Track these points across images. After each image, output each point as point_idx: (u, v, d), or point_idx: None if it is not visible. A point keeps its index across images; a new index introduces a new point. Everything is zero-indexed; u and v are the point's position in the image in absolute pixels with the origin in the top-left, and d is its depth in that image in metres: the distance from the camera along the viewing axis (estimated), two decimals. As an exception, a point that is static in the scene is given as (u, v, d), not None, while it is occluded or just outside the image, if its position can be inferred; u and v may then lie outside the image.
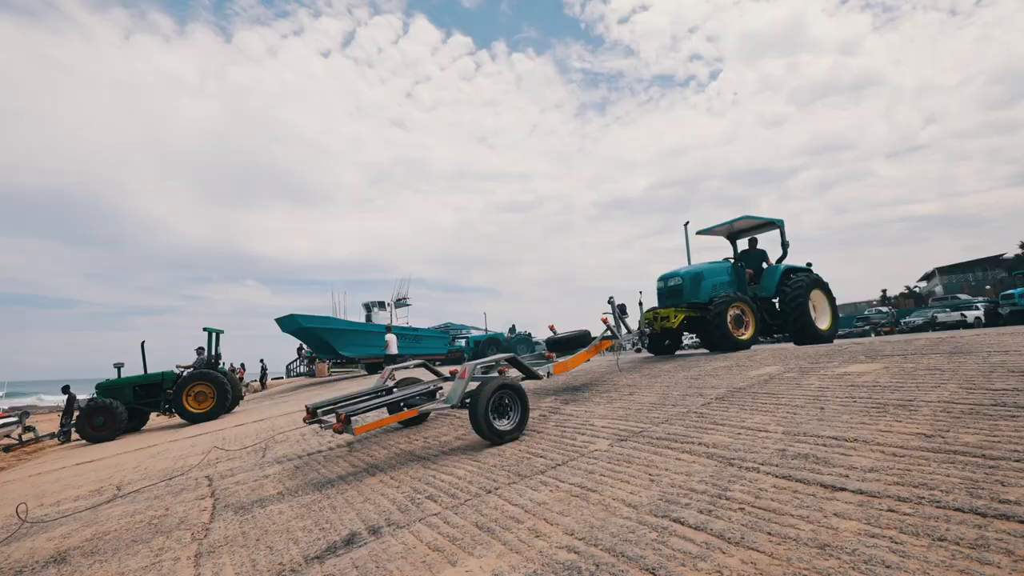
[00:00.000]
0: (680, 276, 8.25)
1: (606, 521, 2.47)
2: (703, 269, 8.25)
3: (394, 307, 25.23)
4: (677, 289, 8.23)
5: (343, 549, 2.80)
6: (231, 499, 4.26)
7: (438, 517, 2.94)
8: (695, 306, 8.00)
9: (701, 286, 8.02)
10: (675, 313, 7.82)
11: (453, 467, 3.85)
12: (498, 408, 4.30)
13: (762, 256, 9.16)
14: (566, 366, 5.55)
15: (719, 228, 9.29)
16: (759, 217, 9.01)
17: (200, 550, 3.22)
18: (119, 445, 10.98)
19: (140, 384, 13.03)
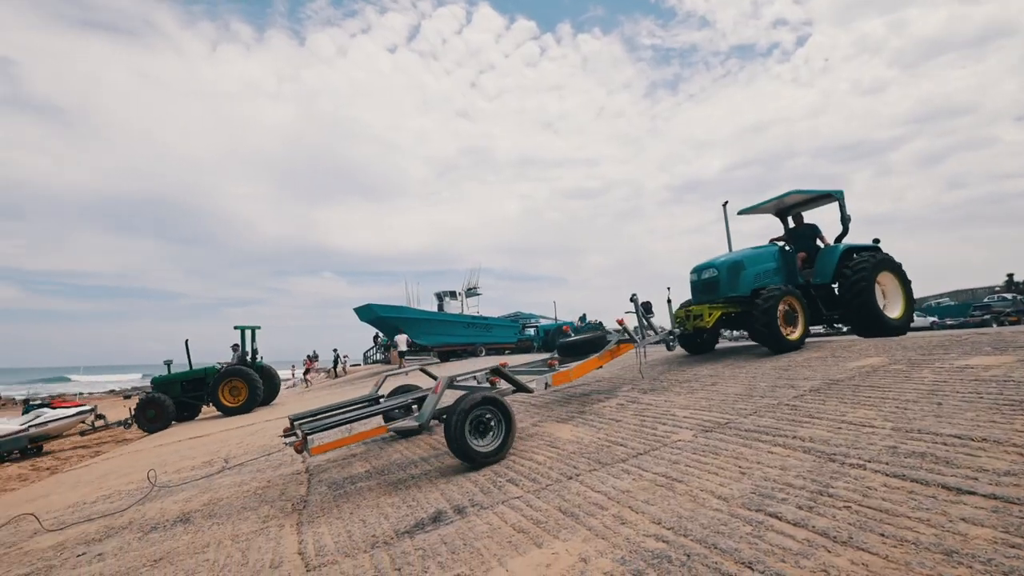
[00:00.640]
0: (715, 267, 7.02)
1: (695, 512, 2.39)
2: (742, 257, 7.01)
3: (465, 296, 25.81)
4: (712, 282, 7.00)
5: (431, 526, 2.91)
6: (324, 475, 4.55)
7: (520, 500, 2.98)
8: (734, 300, 6.89)
9: (741, 277, 6.81)
10: (709, 310, 6.74)
11: (532, 453, 3.89)
12: (478, 426, 3.84)
13: (813, 233, 7.74)
14: (567, 376, 4.82)
15: (765, 205, 7.94)
16: (812, 190, 7.58)
17: (300, 519, 3.47)
18: (223, 423, 12.13)
19: (186, 379, 14.26)
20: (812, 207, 8.13)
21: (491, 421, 3.87)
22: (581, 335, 5.95)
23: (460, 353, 21.46)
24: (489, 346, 21.61)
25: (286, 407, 13.61)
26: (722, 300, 6.88)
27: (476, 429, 3.81)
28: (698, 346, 7.77)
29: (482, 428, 3.85)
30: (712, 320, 6.69)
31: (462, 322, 22.22)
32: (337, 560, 2.71)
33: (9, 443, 12.18)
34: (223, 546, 3.23)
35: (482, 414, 3.83)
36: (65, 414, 13.64)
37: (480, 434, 3.84)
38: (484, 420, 3.85)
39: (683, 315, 7.11)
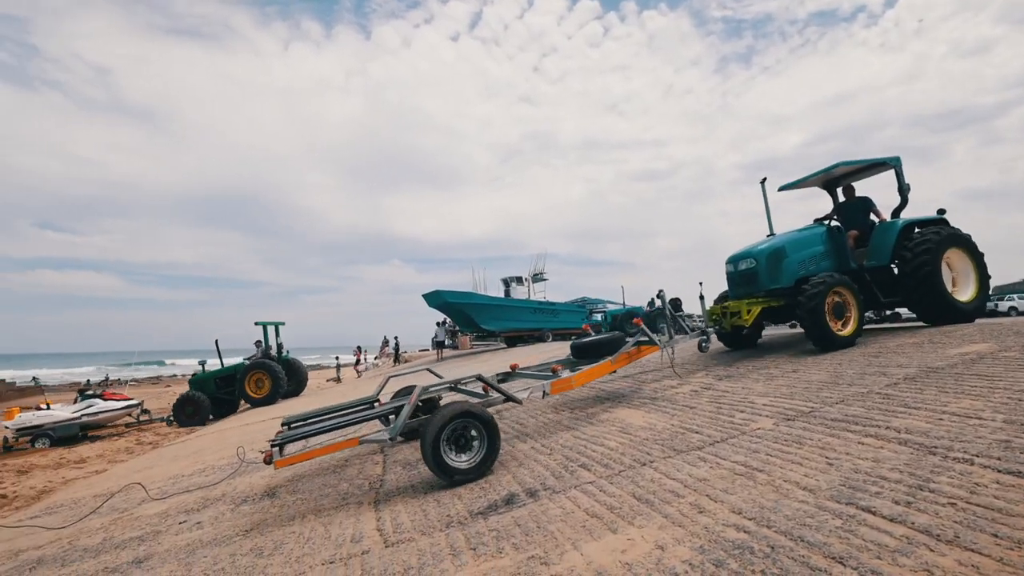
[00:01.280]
0: (753, 256, 6.24)
1: (778, 503, 2.28)
2: (784, 242, 6.21)
3: (531, 282, 25.85)
4: (750, 274, 6.24)
5: (504, 507, 2.96)
6: (398, 456, 4.74)
7: (593, 485, 2.96)
8: (776, 293, 6.16)
9: (783, 266, 6.05)
10: (748, 305, 6.10)
11: (603, 439, 3.85)
12: (458, 440, 3.57)
13: (866, 207, 6.82)
14: (569, 383, 4.32)
15: (809, 180, 7.15)
16: (862, 160, 6.74)
17: (377, 497, 3.64)
18: (298, 404, 12.92)
19: (219, 377, 15.15)
20: (864, 177, 7.19)
21: (473, 435, 3.59)
22: (594, 338, 5.46)
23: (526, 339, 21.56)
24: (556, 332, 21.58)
25: (318, 398, 14.30)
26: (763, 293, 6.18)
27: (455, 443, 3.55)
28: (739, 340, 7.10)
29: (463, 442, 3.57)
30: (751, 318, 6.04)
31: (528, 307, 22.32)
32: (414, 537, 2.82)
33: (63, 429, 13.54)
34: (307, 520, 3.45)
35: (462, 427, 3.55)
36: (115, 406, 14.98)
37: (460, 448, 3.56)
38: (465, 434, 3.58)
39: (718, 312, 6.42)
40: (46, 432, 13.34)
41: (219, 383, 15.07)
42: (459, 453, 3.56)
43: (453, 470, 3.48)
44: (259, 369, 14.70)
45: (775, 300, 6.18)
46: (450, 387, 4.17)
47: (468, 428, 3.57)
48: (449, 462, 3.49)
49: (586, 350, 5.28)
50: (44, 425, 13.40)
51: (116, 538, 3.92)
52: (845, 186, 7.11)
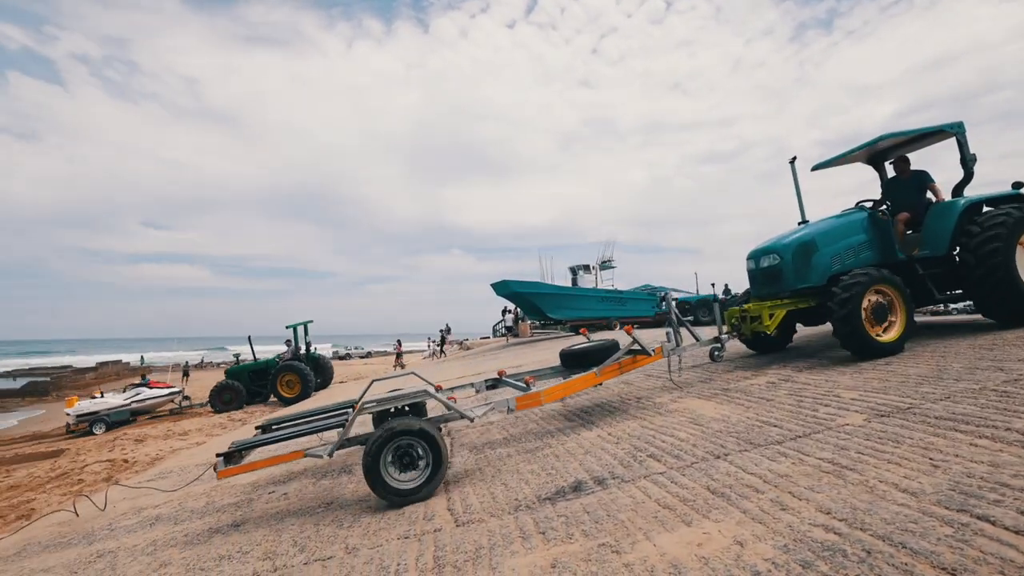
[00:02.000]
0: (776, 251, 5.40)
1: (873, 505, 2.09)
2: (814, 234, 5.32)
3: (599, 270, 25.45)
4: (774, 271, 5.41)
5: (571, 494, 2.93)
6: (464, 439, 4.83)
7: (664, 476, 2.87)
8: (805, 293, 5.33)
9: (812, 261, 5.20)
10: (770, 309, 5.29)
11: (673, 429, 3.73)
12: (403, 458, 3.38)
13: (921, 183, 5.74)
14: (538, 399, 3.93)
15: (849, 155, 6.15)
16: (913, 130, 5.60)
17: (447, 479, 3.72)
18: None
19: (252, 370, 16.43)
20: (916, 149, 6.05)
21: (419, 453, 3.39)
22: (585, 345, 4.98)
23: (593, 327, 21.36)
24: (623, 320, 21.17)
25: (350, 389, 14.74)
26: (788, 293, 5.36)
27: (400, 461, 3.36)
28: (766, 343, 6.30)
29: (407, 460, 3.37)
30: (774, 324, 5.23)
31: (596, 296, 22.06)
32: (484, 519, 2.86)
33: (116, 414, 15.04)
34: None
35: (407, 445, 3.35)
36: (159, 394, 16.42)
37: (406, 467, 3.37)
38: (411, 452, 3.37)
39: (737, 315, 5.62)
40: (101, 418, 14.84)
41: (252, 376, 16.38)
42: (403, 472, 3.36)
43: (394, 490, 3.29)
44: (289, 371, 15.82)
45: (804, 301, 5.36)
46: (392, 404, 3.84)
47: (413, 446, 3.37)
48: (390, 482, 3.30)
49: (575, 358, 4.87)
50: (100, 412, 14.97)
51: (216, 503, 4.28)
52: (896, 159, 6.00)
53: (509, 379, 4.67)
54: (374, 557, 2.63)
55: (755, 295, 5.85)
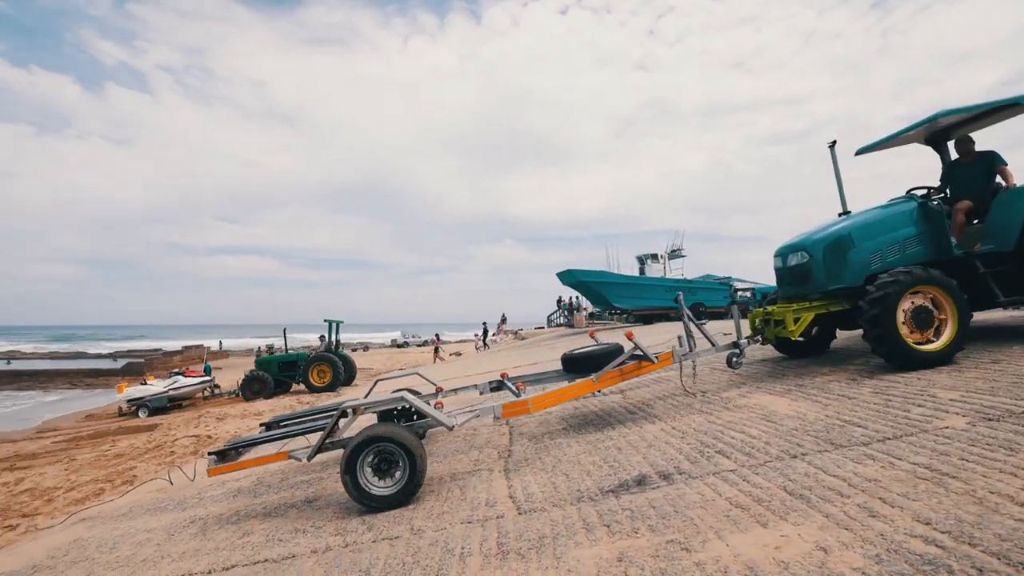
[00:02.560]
0: (806, 248, 4.84)
1: (983, 518, 1.89)
2: (850, 228, 4.70)
3: (667, 259, 24.72)
4: (802, 270, 4.87)
5: (635, 488, 2.86)
6: (523, 428, 4.84)
7: (735, 474, 2.74)
8: (838, 295, 4.75)
9: (847, 259, 4.61)
10: (796, 312, 4.72)
11: (743, 425, 3.55)
12: (380, 464, 3.34)
13: (988, 165, 4.94)
14: (526, 407, 3.79)
15: (901, 137, 5.34)
16: (981, 104, 4.82)
17: (507, 467, 3.74)
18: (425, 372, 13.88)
19: (283, 361, 17.11)
20: (987, 125, 5.21)
21: (397, 460, 3.33)
22: (588, 349, 4.75)
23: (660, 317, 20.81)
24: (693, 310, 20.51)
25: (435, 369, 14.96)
26: (818, 294, 4.82)
27: (378, 467, 3.34)
28: (800, 347, 5.71)
29: (384, 467, 3.34)
30: (799, 329, 4.68)
31: (663, 285, 21.55)
32: (546, 508, 2.85)
33: (156, 400, 16.05)
34: (444, 482, 3.66)
35: (387, 451, 3.32)
36: (192, 382, 17.41)
37: (383, 473, 3.34)
38: (388, 458, 3.33)
39: (760, 317, 5.13)
40: (145, 403, 15.73)
41: (281, 367, 17.12)
42: (381, 478, 3.34)
43: (370, 496, 3.27)
44: (323, 362, 16.65)
45: (836, 303, 4.79)
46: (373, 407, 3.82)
47: (392, 452, 3.33)
48: (367, 488, 3.29)
49: (577, 363, 4.63)
50: (144, 397, 16.06)
51: (290, 480, 4.53)
52: (959, 139, 5.22)
53: (513, 381, 4.60)
54: (439, 539, 2.68)
55: (783, 296, 5.35)
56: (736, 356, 4.59)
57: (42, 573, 3.35)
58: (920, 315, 4.20)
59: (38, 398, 23.08)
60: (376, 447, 3.30)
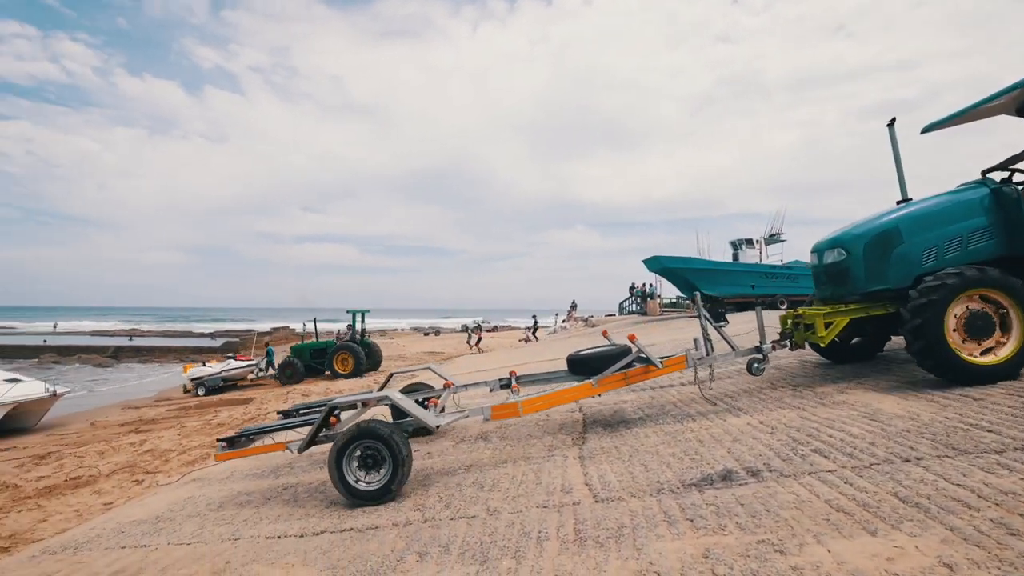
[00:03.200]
0: (844, 244, 4.34)
1: None
2: (900, 220, 4.11)
3: (764, 244, 22.99)
4: (839, 269, 4.38)
5: (720, 483, 2.71)
6: (597, 415, 4.76)
7: (835, 476, 2.52)
8: (881, 297, 4.22)
9: (894, 256, 4.04)
10: (828, 317, 4.24)
11: (843, 423, 3.27)
12: (366, 460, 3.39)
13: None
14: (515, 409, 3.75)
15: (982, 108, 4.39)
16: None
17: (582, 453, 3.69)
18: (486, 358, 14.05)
19: (313, 349, 18.15)
20: None
21: (382, 456, 3.36)
22: (593, 350, 4.51)
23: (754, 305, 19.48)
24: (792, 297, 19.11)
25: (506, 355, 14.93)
26: (857, 296, 4.32)
27: (364, 463, 3.39)
28: (841, 352, 5.13)
29: (371, 462, 3.39)
30: (830, 335, 4.21)
31: (759, 272, 20.14)
32: (623, 498, 2.77)
33: (212, 380, 17.52)
34: (518, 465, 3.67)
35: (370, 448, 3.36)
36: (241, 366, 18.97)
37: (369, 468, 3.39)
38: (375, 454, 3.38)
39: (791, 319, 4.61)
40: (203, 383, 17.24)
41: (313, 354, 18.16)
42: (368, 472, 3.39)
43: (355, 490, 3.34)
44: (344, 351, 17.63)
45: (877, 306, 4.25)
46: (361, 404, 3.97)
47: (377, 450, 3.37)
48: (351, 482, 3.36)
49: (582, 365, 4.42)
50: (203, 377, 17.42)
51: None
52: None
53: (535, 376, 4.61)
54: (515, 522, 2.69)
55: (818, 297, 4.87)
56: (758, 362, 4.16)
57: (164, 523, 3.73)
58: (976, 322, 3.63)
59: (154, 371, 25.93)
60: (361, 443, 3.37)
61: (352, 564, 2.54)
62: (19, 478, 8.69)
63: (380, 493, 3.30)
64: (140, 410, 15.59)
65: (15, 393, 13.09)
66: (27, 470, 9.27)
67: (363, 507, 3.30)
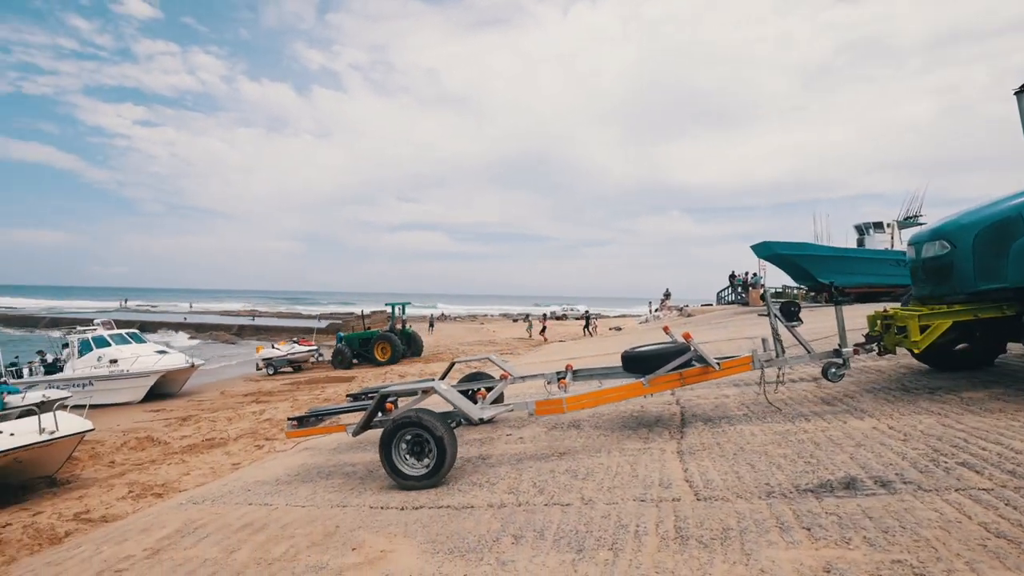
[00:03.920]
0: (947, 235, 3.84)
1: None
2: (1021, 207, 3.47)
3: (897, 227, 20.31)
4: (941, 264, 3.88)
5: (842, 491, 2.46)
6: (696, 410, 4.52)
7: (991, 495, 2.18)
8: (991, 298, 3.64)
9: (1013, 250, 3.44)
10: (925, 319, 3.63)
11: (999, 434, 2.83)
12: (414, 447, 3.50)
13: None
14: (560, 406, 3.69)
15: None
16: None
17: (680, 448, 3.52)
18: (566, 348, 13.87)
19: (360, 338, 19.50)
20: None
21: (427, 443, 3.44)
22: (650, 347, 4.22)
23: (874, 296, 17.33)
24: None
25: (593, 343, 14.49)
26: (964, 297, 3.78)
27: (411, 449, 3.51)
28: (949, 358, 4.38)
29: (417, 450, 3.51)
30: (925, 340, 3.61)
31: (888, 259, 17.47)
32: (728, 498, 2.61)
33: (279, 362, 19.46)
34: (612, 455, 3.59)
35: (417, 435, 3.46)
36: (303, 350, 20.56)
37: (417, 455, 3.51)
38: (421, 442, 3.48)
39: (880, 320, 4.01)
40: (272, 363, 19.30)
41: (361, 342, 19.60)
42: (415, 459, 3.51)
43: (402, 474, 3.49)
44: (383, 340, 19.16)
45: (989, 309, 3.63)
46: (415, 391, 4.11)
47: (423, 438, 3.45)
48: (400, 466, 3.51)
49: (634, 362, 4.15)
50: (272, 359, 19.43)
51: (463, 438, 4.86)
52: None
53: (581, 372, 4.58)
54: (611, 513, 2.63)
55: (916, 296, 4.38)
56: (836, 367, 3.73)
57: (283, 486, 4.11)
58: None
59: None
60: (409, 431, 3.49)
61: (450, 540, 2.62)
62: (168, 436, 10.05)
63: (426, 478, 3.46)
64: (259, 383, 17.36)
65: (164, 363, 15.15)
66: (173, 429, 10.71)
67: (459, 487, 3.40)
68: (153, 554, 3.11)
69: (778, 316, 3.98)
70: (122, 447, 9.35)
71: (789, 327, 4.00)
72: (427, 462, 3.47)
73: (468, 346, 24.08)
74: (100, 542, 3.57)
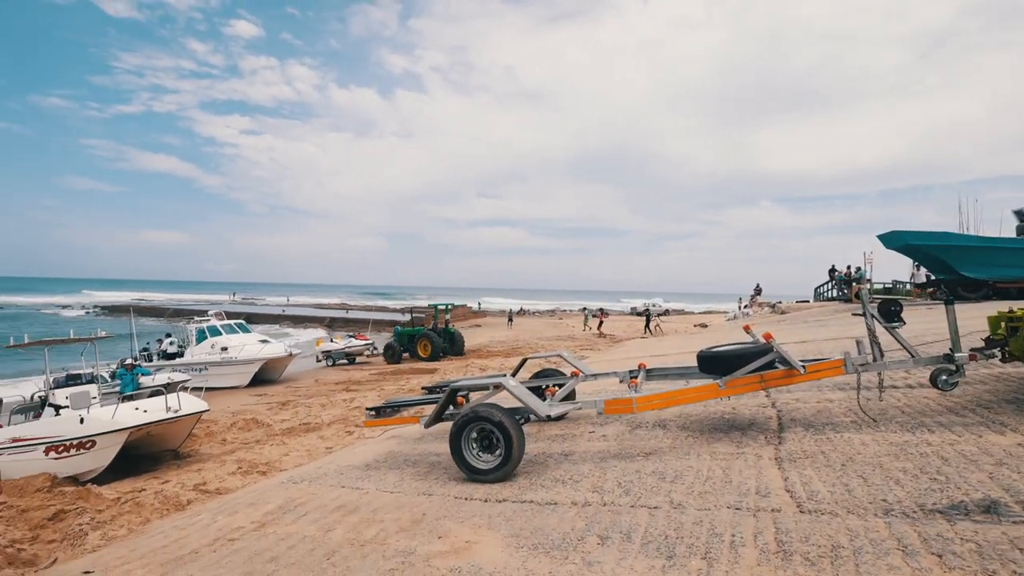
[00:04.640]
0: None
1: None
2: None
3: None
4: None
5: (980, 516, 2.15)
6: (795, 414, 4.18)
7: None
8: None
9: None
10: None
11: None
12: (482, 441, 3.58)
13: None
14: (629, 405, 3.57)
15: None
16: None
17: (779, 455, 3.27)
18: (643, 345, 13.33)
19: (410, 335, 20.85)
20: None
21: (496, 437, 3.48)
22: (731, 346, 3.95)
23: None
24: None
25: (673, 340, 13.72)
26: None
27: (480, 443, 3.59)
28: None
29: (486, 444, 3.58)
30: None
31: None
32: (837, 512, 2.37)
33: (337, 355, 20.66)
34: (702, 458, 3.40)
35: (484, 431, 3.54)
36: (359, 344, 21.90)
37: (486, 448, 3.58)
38: (490, 437, 3.54)
39: (1005, 322, 3.56)
40: (331, 355, 20.58)
41: (410, 339, 20.85)
42: (485, 452, 3.58)
43: (473, 468, 3.57)
44: (425, 338, 20.41)
45: None
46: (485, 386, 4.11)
47: (492, 432, 3.50)
48: (468, 458, 3.59)
49: (711, 362, 3.91)
50: (331, 351, 20.71)
51: (546, 432, 4.85)
52: None
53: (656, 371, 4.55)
54: (703, 520, 2.49)
55: None
56: (948, 374, 3.40)
57: (372, 471, 4.32)
58: None
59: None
60: (476, 425, 3.55)
61: (534, 535, 2.61)
62: (270, 419, 10.95)
63: (494, 470, 3.51)
64: (349, 372, 18.46)
65: (266, 351, 16.57)
66: (275, 413, 11.65)
67: (542, 482, 3.38)
68: (260, 527, 3.37)
69: (875, 316, 3.63)
70: (232, 427, 10.32)
71: (888, 328, 3.62)
72: (496, 456, 3.53)
73: (546, 341, 24.13)
74: (215, 512, 3.94)
